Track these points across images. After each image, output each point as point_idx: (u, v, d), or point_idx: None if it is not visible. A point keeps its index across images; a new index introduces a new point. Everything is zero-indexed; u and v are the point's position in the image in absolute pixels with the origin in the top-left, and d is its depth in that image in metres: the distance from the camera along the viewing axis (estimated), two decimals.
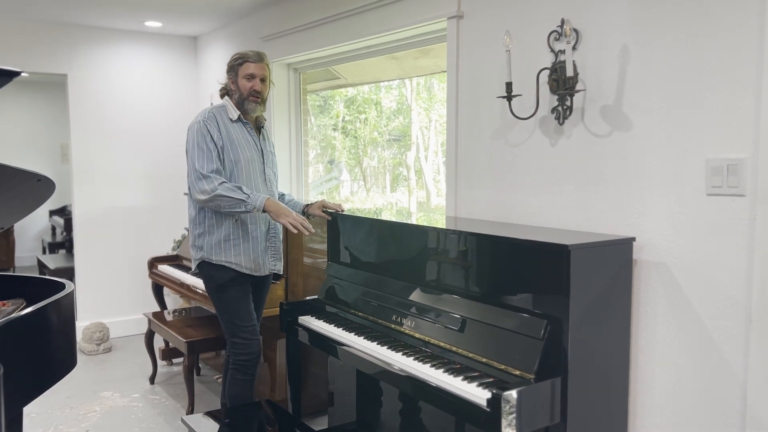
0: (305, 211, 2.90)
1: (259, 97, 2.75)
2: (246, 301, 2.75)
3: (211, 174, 2.60)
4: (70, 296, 2.22)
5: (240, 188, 2.62)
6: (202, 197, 2.60)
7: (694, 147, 1.94)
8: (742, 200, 1.83)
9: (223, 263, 2.71)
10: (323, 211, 2.86)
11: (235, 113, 2.75)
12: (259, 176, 2.76)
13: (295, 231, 2.59)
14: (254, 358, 2.74)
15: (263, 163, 2.80)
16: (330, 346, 2.53)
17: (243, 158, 2.71)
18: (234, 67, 2.77)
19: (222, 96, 2.85)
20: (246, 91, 2.73)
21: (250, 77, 2.73)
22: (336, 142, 4.55)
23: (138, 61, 5.09)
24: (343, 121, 4.52)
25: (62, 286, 2.26)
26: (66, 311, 2.16)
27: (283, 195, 3.01)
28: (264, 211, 2.59)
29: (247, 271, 2.73)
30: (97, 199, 4.98)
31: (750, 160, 1.80)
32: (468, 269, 2.22)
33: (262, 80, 2.76)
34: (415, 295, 2.40)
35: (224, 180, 2.63)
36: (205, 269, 2.76)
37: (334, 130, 4.51)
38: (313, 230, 2.65)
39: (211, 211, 2.70)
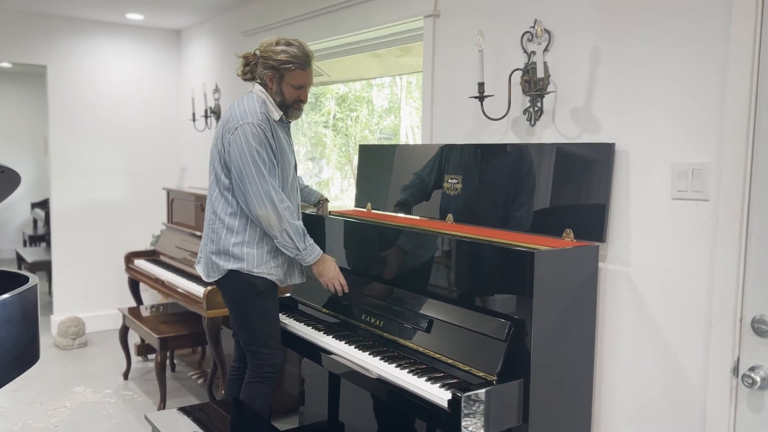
0: (320, 201, 2.86)
1: (302, 104, 2.54)
2: (277, 312, 2.63)
3: (285, 204, 2.41)
4: (34, 290, 2.19)
5: (305, 236, 2.46)
6: (271, 231, 2.41)
7: (660, 150, 1.94)
8: (705, 205, 1.83)
9: (265, 275, 2.51)
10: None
11: (277, 114, 2.48)
12: (296, 182, 2.62)
13: (332, 291, 2.54)
14: (279, 369, 2.63)
15: (296, 166, 2.64)
16: (299, 344, 2.52)
17: (289, 165, 2.51)
18: (280, 69, 2.42)
19: (247, 78, 2.52)
20: (292, 99, 2.48)
21: (300, 87, 2.47)
22: (326, 140, 4.53)
23: (119, 54, 5.04)
24: (334, 118, 4.50)
25: (26, 280, 2.23)
26: (29, 305, 2.12)
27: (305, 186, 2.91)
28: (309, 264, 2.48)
29: (279, 283, 2.59)
30: (75, 192, 4.94)
31: (714, 165, 1.81)
32: (437, 270, 2.21)
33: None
34: (385, 295, 2.39)
35: (294, 212, 2.49)
36: (243, 277, 2.51)
37: (325, 127, 4.49)
38: (347, 289, 2.54)
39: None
